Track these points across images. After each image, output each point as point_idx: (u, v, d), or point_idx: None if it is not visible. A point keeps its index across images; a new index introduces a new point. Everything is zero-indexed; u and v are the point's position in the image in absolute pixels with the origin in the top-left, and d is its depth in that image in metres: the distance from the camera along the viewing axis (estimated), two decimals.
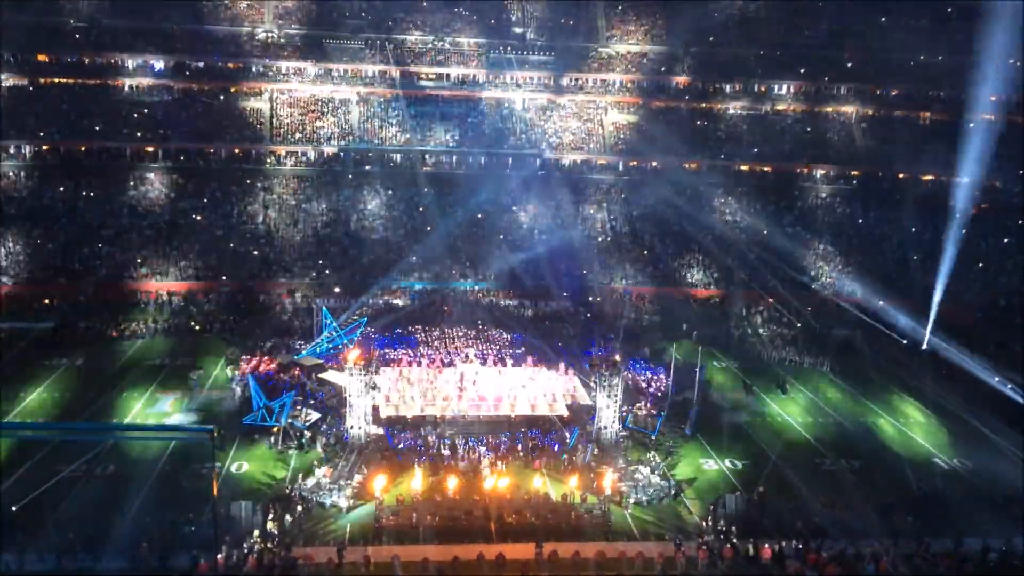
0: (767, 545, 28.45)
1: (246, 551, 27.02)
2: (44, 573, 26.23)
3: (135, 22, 71.57)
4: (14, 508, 29.18)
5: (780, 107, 78.36)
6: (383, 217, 67.14)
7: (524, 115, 75.98)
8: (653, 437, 38.02)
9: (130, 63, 71.04)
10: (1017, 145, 70.68)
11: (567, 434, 37.44)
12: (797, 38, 79.41)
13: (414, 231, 65.77)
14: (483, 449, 35.50)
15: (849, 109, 78.79)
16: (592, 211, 70.92)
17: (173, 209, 64.61)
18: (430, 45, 76.03)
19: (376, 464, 33.98)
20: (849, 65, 78.97)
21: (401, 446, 35.84)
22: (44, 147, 67.22)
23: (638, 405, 41.03)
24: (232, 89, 72.83)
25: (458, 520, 29.94)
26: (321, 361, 44.93)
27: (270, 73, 72.93)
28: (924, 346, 52.80)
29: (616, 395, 36.84)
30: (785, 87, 78.33)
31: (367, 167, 71.39)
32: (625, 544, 28.99)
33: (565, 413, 40.22)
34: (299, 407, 38.48)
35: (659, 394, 43.39)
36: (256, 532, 28.20)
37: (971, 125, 72.20)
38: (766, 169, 74.97)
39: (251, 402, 37.90)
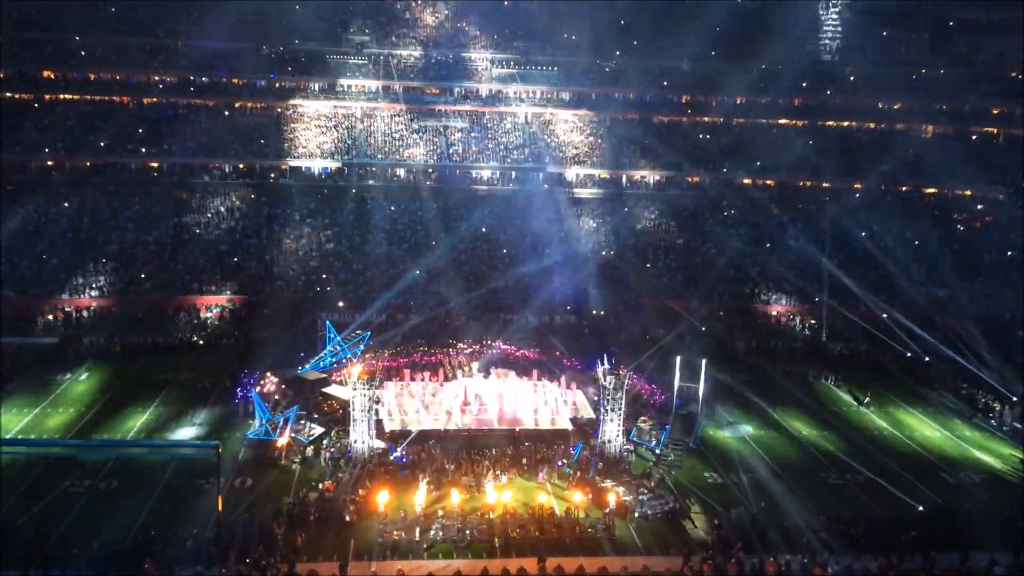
0: (772, 560, 28.29)
1: (250, 566, 26.91)
2: None
3: (140, 38, 72.16)
4: (19, 523, 29.20)
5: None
6: (386, 231, 67.24)
7: (527, 128, 76.25)
8: (658, 451, 37.92)
9: (135, 79, 71.50)
10: (1018, 157, 70.86)
11: (572, 447, 37.34)
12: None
13: (417, 245, 65.87)
14: (487, 463, 35.41)
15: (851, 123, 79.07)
16: (595, 224, 70.94)
17: (178, 224, 64.82)
18: (434, 60, 76.51)
19: (379, 478, 33.93)
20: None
21: (404, 460, 35.80)
22: (49, 163, 67.57)
23: (642, 418, 40.92)
24: (237, 104, 73.24)
25: (462, 535, 29.88)
26: (324, 375, 44.89)
27: (274, 89, 73.32)
28: (927, 358, 52.65)
29: (620, 408, 36.78)
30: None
31: (371, 182, 71.67)
32: (630, 559, 28.86)
33: (569, 427, 40.11)
34: (302, 421, 38.47)
35: (663, 407, 43.19)
36: (260, 547, 28.08)
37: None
38: (768, 182, 75.03)
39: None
